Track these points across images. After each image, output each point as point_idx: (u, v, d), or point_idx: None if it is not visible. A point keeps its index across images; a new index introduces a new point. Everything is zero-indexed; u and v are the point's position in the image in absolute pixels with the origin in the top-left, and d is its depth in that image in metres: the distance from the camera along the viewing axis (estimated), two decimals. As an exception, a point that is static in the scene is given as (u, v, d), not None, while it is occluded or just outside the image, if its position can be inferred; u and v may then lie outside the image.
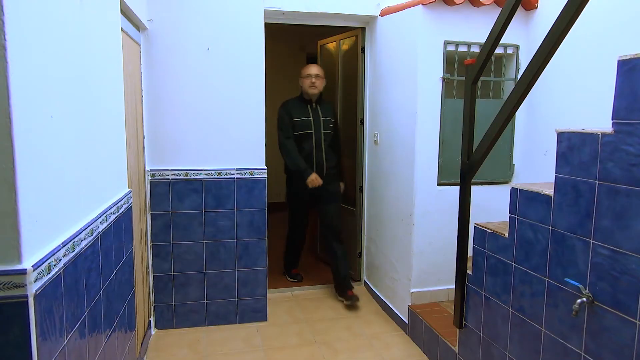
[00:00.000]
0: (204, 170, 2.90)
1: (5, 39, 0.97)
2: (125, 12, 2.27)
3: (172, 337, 2.91)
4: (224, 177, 2.93)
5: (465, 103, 2.25)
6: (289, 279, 3.80)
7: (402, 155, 2.98)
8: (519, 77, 2.89)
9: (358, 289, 3.62)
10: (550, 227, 1.70)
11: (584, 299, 1.52)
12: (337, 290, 3.49)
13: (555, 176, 1.67)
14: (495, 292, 2.03)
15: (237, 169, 2.94)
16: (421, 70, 2.76)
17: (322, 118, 3.39)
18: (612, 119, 1.44)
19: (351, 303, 3.31)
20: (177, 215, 2.90)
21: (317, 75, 3.36)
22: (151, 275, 2.91)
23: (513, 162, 3.03)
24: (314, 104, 3.42)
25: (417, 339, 2.84)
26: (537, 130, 2.89)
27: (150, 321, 2.89)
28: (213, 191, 2.93)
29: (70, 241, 1.31)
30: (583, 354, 1.58)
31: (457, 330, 2.34)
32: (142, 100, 2.74)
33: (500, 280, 1.99)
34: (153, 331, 2.96)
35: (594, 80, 2.41)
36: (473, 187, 2.30)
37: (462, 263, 2.26)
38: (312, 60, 5.88)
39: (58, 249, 1.22)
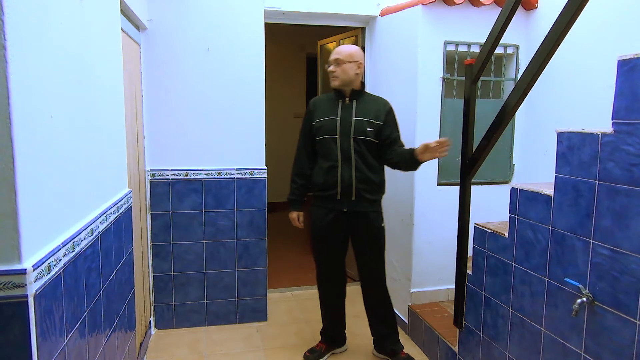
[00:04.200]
0: (204, 170, 2.90)
1: (5, 39, 0.97)
2: (125, 12, 2.28)
3: (172, 337, 2.91)
4: (224, 177, 2.93)
5: (465, 103, 2.25)
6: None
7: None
8: (519, 77, 2.89)
9: (358, 288, 2.98)
10: (550, 227, 1.70)
11: (584, 299, 1.52)
12: (380, 348, 2.68)
13: (555, 176, 1.67)
14: (495, 292, 2.03)
15: (237, 169, 2.94)
16: (421, 70, 2.76)
17: (354, 118, 2.43)
18: (612, 119, 1.44)
19: None
20: (177, 215, 2.90)
21: (336, 61, 2.42)
22: (151, 275, 2.91)
23: (513, 162, 3.03)
24: (347, 100, 2.47)
25: (417, 339, 2.84)
26: (537, 130, 2.89)
27: (150, 321, 2.89)
28: (213, 191, 2.93)
29: (70, 241, 1.31)
30: (583, 354, 1.58)
31: (457, 330, 2.34)
32: (142, 100, 2.74)
33: (500, 280, 1.99)
34: (153, 331, 2.96)
35: (593, 80, 2.41)
36: (473, 187, 2.30)
37: (462, 263, 2.26)
38: (312, 60, 5.87)
39: (58, 249, 1.22)
